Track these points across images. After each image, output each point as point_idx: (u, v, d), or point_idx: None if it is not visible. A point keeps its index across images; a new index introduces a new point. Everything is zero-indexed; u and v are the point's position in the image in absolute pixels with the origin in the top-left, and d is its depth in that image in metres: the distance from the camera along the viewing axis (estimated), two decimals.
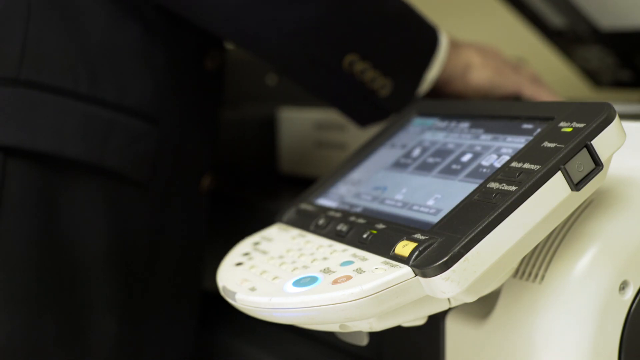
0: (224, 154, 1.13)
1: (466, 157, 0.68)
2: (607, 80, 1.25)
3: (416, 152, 0.74)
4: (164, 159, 0.92)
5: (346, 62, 0.87)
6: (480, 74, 0.98)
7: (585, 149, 0.58)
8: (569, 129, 0.59)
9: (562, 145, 0.58)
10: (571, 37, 1.22)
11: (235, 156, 1.17)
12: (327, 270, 0.61)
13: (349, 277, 0.58)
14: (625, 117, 0.64)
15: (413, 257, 0.57)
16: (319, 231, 0.69)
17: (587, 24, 1.15)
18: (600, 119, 0.58)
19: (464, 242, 0.55)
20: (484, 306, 0.65)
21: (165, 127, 0.92)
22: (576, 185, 0.58)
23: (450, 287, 0.55)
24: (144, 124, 0.90)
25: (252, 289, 0.63)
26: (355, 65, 0.88)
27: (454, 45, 0.96)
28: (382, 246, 0.60)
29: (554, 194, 0.57)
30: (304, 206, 0.75)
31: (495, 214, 0.56)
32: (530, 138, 0.63)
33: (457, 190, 0.63)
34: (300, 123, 1.12)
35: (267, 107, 1.19)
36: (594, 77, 1.27)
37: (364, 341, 0.66)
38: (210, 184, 1.00)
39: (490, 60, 0.99)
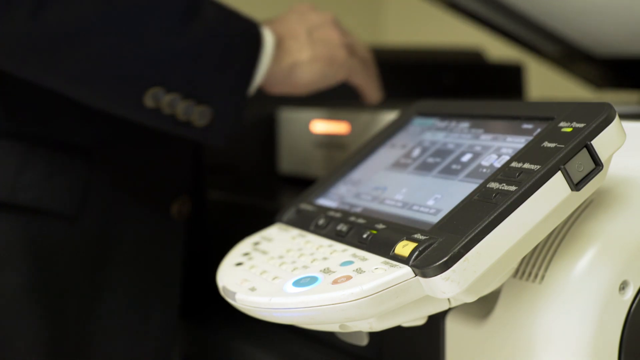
0: (224, 154, 1.13)
1: (466, 157, 0.68)
2: (607, 83, 1.26)
3: (416, 152, 0.74)
4: (101, 189, 0.88)
5: (148, 97, 0.81)
6: (308, 71, 0.91)
7: (585, 149, 0.58)
8: (569, 129, 0.59)
9: (562, 145, 0.58)
10: (567, 60, 1.22)
11: (235, 156, 1.17)
12: (327, 270, 0.61)
13: (349, 277, 0.58)
14: (625, 117, 0.64)
15: (413, 257, 0.57)
16: (319, 231, 0.69)
17: (581, 53, 1.15)
18: (600, 119, 0.58)
19: (464, 242, 0.55)
20: (484, 306, 0.65)
21: (101, 156, 0.88)
22: (576, 185, 0.58)
23: (450, 287, 0.55)
24: (68, 155, 0.86)
25: (252, 289, 0.63)
26: (163, 99, 0.82)
27: (280, 43, 0.89)
28: (382, 246, 0.60)
29: (554, 194, 0.57)
30: (304, 206, 0.75)
31: (495, 214, 0.56)
32: (530, 138, 0.63)
33: (457, 190, 0.63)
34: (300, 123, 1.12)
35: (267, 107, 1.19)
36: (593, 82, 1.27)
37: (364, 341, 0.66)
38: (183, 208, 0.95)
39: (321, 47, 0.91)
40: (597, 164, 0.58)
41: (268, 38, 0.87)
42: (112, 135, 0.88)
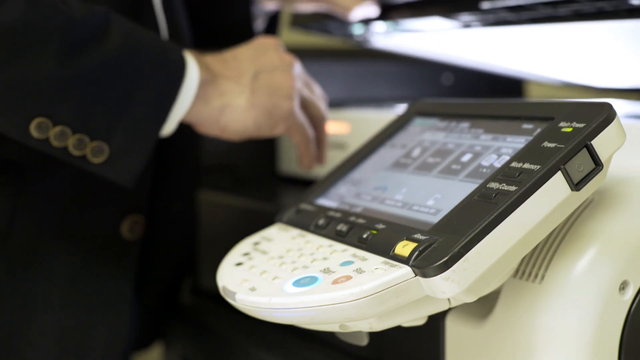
0: (224, 154, 1.13)
1: (466, 157, 0.68)
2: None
3: (416, 152, 0.74)
4: (33, 206, 0.85)
5: (33, 127, 0.75)
6: (240, 118, 0.82)
7: (585, 149, 0.58)
8: (569, 129, 0.59)
9: (562, 145, 0.58)
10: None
11: (235, 156, 1.17)
12: (327, 270, 0.61)
13: (349, 277, 0.58)
14: (625, 117, 0.64)
15: (413, 257, 0.57)
16: (319, 231, 0.69)
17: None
18: (600, 119, 0.58)
19: (464, 242, 0.55)
20: (484, 306, 0.65)
21: (34, 173, 0.85)
22: (576, 185, 0.57)
23: (450, 287, 0.55)
24: None
25: (252, 289, 0.63)
26: (50, 130, 0.75)
27: (213, 81, 0.81)
28: (382, 246, 0.60)
29: (554, 194, 0.57)
30: (304, 206, 0.75)
31: (495, 214, 0.56)
32: (530, 138, 0.63)
33: (457, 190, 0.63)
34: None
35: None
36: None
37: (364, 341, 0.66)
38: (135, 226, 0.91)
39: (263, 94, 0.82)
40: (597, 164, 0.58)
41: (192, 74, 0.79)
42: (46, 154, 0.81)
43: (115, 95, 0.76)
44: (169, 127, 0.81)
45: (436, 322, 0.68)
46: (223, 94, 0.81)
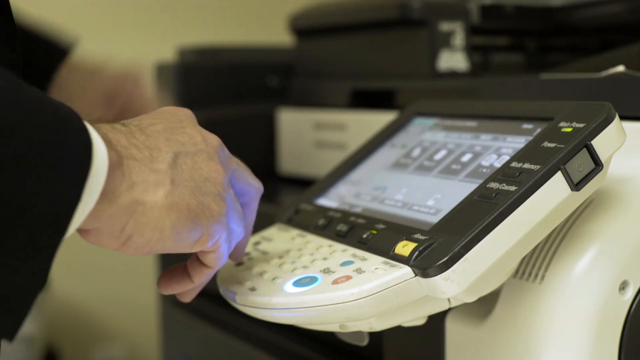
0: None
1: (466, 157, 0.68)
2: None
3: (416, 152, 0.74)
4: None
5: None
6: (154, 224, 0.54)
7: (585, 149, 0.58)
8: (569, 129, 0.59)
9: (562, 145, 0.58)
10: None
11: (235, 156, 1.17)
12: (327, 271, 0.61)
13: (349, 277, 0.58)
14: (625, 117, 0.64)
15: (413, 257, 0.57)
16: (319, 231, 0.69)
17: None
18: (600, 119, 0.58)
19: (464, 242, 0.55)
20: (484, 306, 0.65)
21: None
22: (576, 185, 0.57)
23: (450, 287, 0.55)
24: None
25: (252, 289, 0.63)
26: None
27: (118, 162, 0.52)
28: (382, 246, 0.60)
29: (554, 194, 0.57)
30: (304, 206, 0.75)
31: (495, 214, 0.56)
32: (530, 138, 0.63)
33: (457, 190, 0.63)
34: (300, 123, 1.12)
35: (267, 107, 1.19)
36: None
37: (364, 341, 0.66)
38: None
39: (184, 190, 0.55)
40: (597, 164, 0.58)
41: (100, 154, 0.51)
42: None
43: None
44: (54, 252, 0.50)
45: (436, 322, 0.68)
46: (133, 186, 0.53)
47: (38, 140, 0.47)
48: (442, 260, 0.55)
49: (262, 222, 0.78)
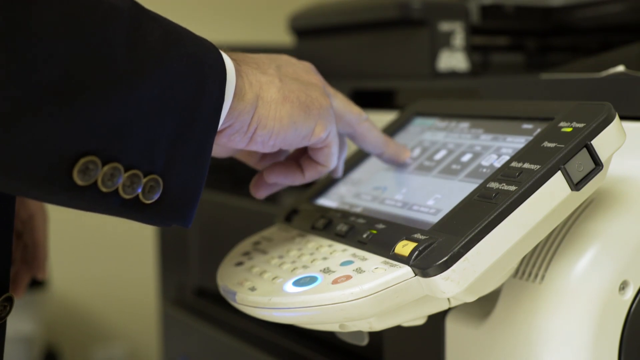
0: None
1: (466, 157, 0.68)
2: None
3: (416, 152, 0.74)
4: None
5: (77, 170, 0.53)
6: (274, 114, 0.63)
7: (585, 149, 0.58)
8: (569, 129, 0.59)
9: (562, 145, 0.58)
10: None
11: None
12: (327, 270, 0.61)
13: (348, 277, 0.58)
14: (625, 117, 0.64)
15: (413, 257, 0.57)
16: (319, 231, 0.69)
17: None
18: (600, 119, 0.58)
19: (463, 242, 0.55)
20: (484, 306, 0.65)
21: None
22: (576, 185, 0.58)
23: (450, 287, 0.55)
24: None
25: (252, 289, 0.63)
26: (101, 170, 0.54)
27: (237, 68, 0.63)
28: (382, 246, 0.60)
29: (554, 193, 0.57)
30: (304, 206, 0.75)
31: (495, 214, 0.56)
32: (530, 138, 0.63)
33: (457, 190, 0.63)
34: None
35: None
36: None
37: (364, 341, 0.66)
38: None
39: (293, 84, 0.66)
40: (597, 164, 0.58)
41: (228, 63, 0.62)
42: None
43: (173, 115, 0.58)
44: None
45: (436, 322, 0.68)
46: (252, 85, 0.64)
47: (189, 55, 0.58)
48: (442, 260, 0.55)
49: (262, 222, 0.78)
